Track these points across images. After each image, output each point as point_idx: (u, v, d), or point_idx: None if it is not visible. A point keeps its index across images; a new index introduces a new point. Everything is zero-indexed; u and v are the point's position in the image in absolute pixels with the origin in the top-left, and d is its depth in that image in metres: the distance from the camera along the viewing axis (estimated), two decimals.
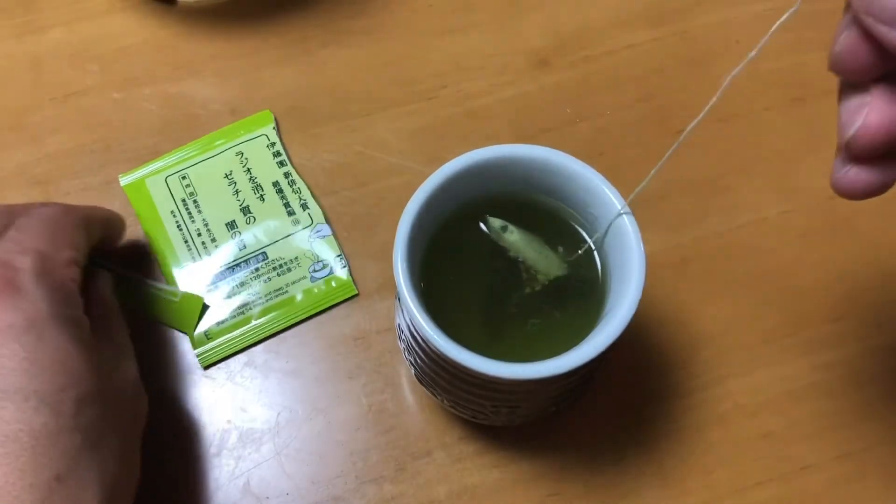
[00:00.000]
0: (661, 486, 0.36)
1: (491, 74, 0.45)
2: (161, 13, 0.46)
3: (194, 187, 0.42)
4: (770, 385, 0.38)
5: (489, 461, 0.36)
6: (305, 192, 0.41)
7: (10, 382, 0.26)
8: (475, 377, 0.28)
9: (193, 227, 0.41)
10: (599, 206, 0.30)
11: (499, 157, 0.31)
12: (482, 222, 0.32)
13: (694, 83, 0.45)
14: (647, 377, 0.38)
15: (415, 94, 0.44)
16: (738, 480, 0.36)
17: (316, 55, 0.46)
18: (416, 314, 0.28)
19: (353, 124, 0.44)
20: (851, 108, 0.22)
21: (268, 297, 0.39)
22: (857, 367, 0.38)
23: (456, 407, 0.33)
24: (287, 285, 0.39)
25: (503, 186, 0.32)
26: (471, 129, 0.44)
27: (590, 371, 0.30)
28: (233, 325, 0.39)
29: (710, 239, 0.41)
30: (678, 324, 0.39)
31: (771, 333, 0.39)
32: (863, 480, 0.36)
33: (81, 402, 0.28)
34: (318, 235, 0.40)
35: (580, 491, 0.36)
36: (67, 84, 0.44)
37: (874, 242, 0.41)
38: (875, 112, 0.21)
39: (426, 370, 0.32)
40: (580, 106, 0.44)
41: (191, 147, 0.43)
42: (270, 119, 0.43)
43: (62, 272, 0.31)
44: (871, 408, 0.37)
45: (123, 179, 0.42)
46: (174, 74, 0.45)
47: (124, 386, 0.32)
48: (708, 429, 0.37)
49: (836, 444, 0.37)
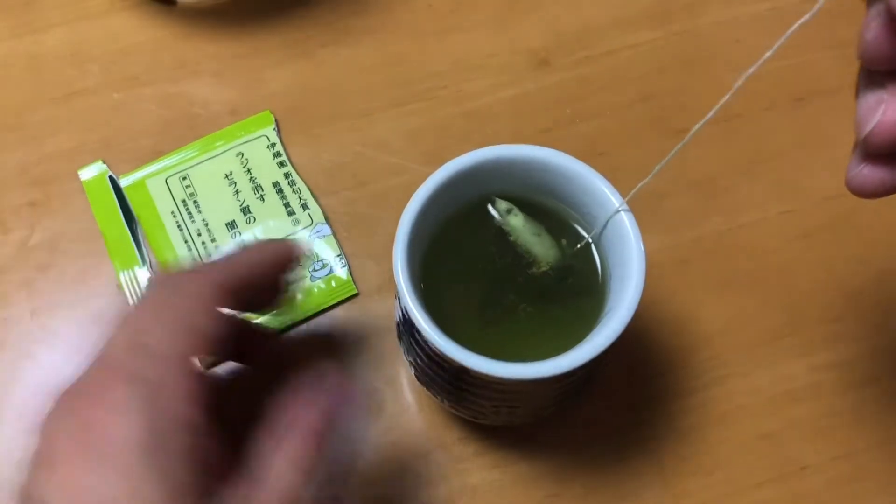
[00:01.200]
0: (661, 487, 0.36)
1: (491, 74, 0.45)
2: (161, 13, 0.46)
3: (194, 188, 0.42)
4: (770, 385, 0.38)
5: (489, 461, 0.36)
6: (305, 192, 0.41)
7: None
8: (475, 377, 0.28)
9: (193, 228, 0.41)
10: (599, 205, 0.30)
11: (499, 157, 0.31)
12: (490, 204, 0.32)
13: (694, 83, 0.45)
14: (647, 377, 0.38)
15: (415, 94, 0.44)
16: (738, 480, 0.36)
17: (316, 55, 0.46)
18: (415, 314, 0.28)
19: (353, 124, 0.44)
20: (869, 104, 0.22)
21: None
22: (857, 367, 0.38)
23: (456, 407, 0.33)
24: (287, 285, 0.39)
25: (503, 186, 0.32)
26: (471, 129, 0.44)
27: (589, 371, 0.30)
28: None
29: (710, 239, 0.41)
30: (678, 324, 0.39)
31: (771, 333, 0.39)
32: (862, 481, 0.36)
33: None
34: (318, 235, 0.40)
35: (580, 491, 0.36)
36: (67, 84, 0.44)
37: (874, 242, 0.41)
38: (893, 109, 0.21)
39: (426, 370, 0.32)
40: (580, 106, 0.44)
41: (191, 148, 0.43)
42: (270, 120, 0.43)
43: (174, 387, 0.24)
44: (870, 408, 0.37)
45: (123, 180, 0.42)
46: (174, 74, 0.45)
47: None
48: (708, 429, 0.37)
49: (836, 445, 0.37)
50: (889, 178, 0.22)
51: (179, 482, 0.23)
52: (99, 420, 0.23)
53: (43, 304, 0.39)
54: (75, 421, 0.23)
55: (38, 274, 0.40)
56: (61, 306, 0.39)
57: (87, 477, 0.22)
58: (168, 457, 0.23)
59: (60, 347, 0.39)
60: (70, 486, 0.22)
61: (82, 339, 0.39)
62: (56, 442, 0.23)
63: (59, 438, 0.23)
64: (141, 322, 0.25)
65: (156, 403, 0.23)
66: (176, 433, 0.23)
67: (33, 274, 0.40)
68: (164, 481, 0.22)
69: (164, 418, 0.23)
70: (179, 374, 0.24)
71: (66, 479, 0.22)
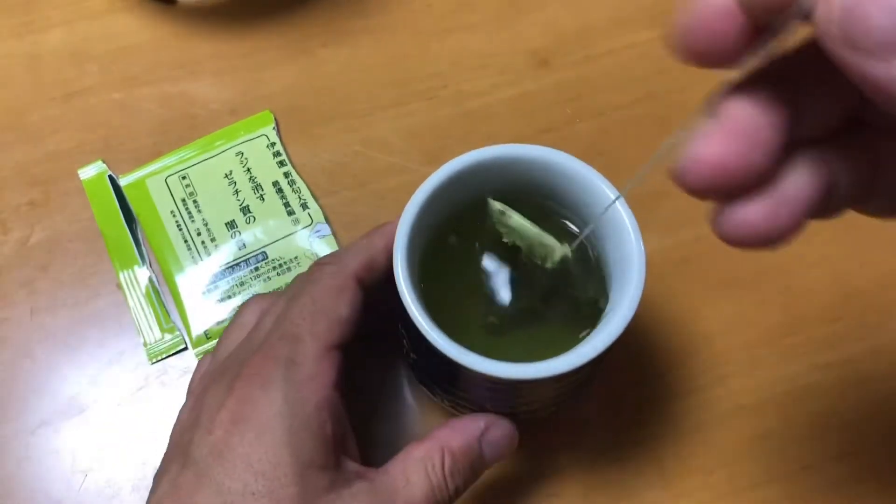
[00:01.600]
0: (661, 486, 0.36)
1: (491, 74, 0.45)
2: (161, 13, 0.46)
3: (194, 187, 0.42)
4: (770, 385, 0.38)
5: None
6: (305, 191, 0.41)
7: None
8: (475, 377, 0.28)
9: (193, 227, 0.41)
10: (599, 205, 0.30)
11: (499, 157, 0.31)
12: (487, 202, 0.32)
13: (694, 83, 0.45)
14: (647, 377, 0.38)
15: (415, 94, 0.44)
16: (738, 480, 0.36)
17: (316, 55, 0.46)
18: (416, 314, 0.28)
19: (353, 124, 0.44)
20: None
21: None
22: (857, 367, 0.38)
23: (456, 407, 0.33)
24: (287, 285, 0.39)
25: (503, 186, 0.32)
26: (471, 129, 0.44)
27: (589, 371, 0.30)
28: None
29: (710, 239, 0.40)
30: (678, 324, 0.39)
31: (771, 333, 0.39)
32: (862, 481, 0.36)
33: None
34: (318, 235, 0.40)
35: (580, 491, 0.36)
36: (67, 84, 0.44)
37: (874, 242, 0.41)
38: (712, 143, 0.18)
39: (426, 370, 0.32)
40: (580, 106, 0.44)
41: (191, 147, 0.43)
42: (270, 119, 0.43)
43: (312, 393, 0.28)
44: (870, 408, 0.37)
45: (123, 179, 0.42)
46: (174, 74, 0.45)
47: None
48: (708, 429, 0.37)
49: (836, 444, 0.37)
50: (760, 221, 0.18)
51: (308, 453, 0.27)
52: (253, 396, 0.27)
53: (43, 303, 0.39)
54: (234, 397, 0.28)
55: (38, 273, 0.40)
56: (61, 306, 0.39)
57: (237, 441, 0.27)
58: (302, 429, 0.27)
59: (60, 347, 0.39)
60: (220, 447, 0.27)
61: (82, 338, 0.39)
62: (217, 414, 0.27)
63: (220, 411, 0.27)
64: (292, 313, 0.29)
65: (296, 383, 0.28)
66: (311, 410, 0.27)
67: (33, 273, 0.40)
68: (296, 452, 0.26)
69: (302, 396, 0.27)
70: (321, 359, 0.28)
71: (218, 441, 0.27)
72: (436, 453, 0.29)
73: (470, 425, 0.30)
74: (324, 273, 0.31)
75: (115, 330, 0.39)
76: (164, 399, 0.38)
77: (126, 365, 0.38)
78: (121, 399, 0.38)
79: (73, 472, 0.36)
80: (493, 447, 0.30)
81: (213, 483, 0.26)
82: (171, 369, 0.38)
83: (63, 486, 0.36)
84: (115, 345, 0.39)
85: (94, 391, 0.38)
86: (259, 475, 0.26)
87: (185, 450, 0.27)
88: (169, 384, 0.38)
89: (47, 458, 0.36)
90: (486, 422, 0.30)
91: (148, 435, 0.37)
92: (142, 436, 0.37)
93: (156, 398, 0.38)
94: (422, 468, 0.28)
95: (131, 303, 0.39)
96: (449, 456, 0.29)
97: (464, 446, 0.29)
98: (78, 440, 0.37)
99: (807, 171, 0.18)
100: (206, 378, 0.31)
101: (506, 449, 0.31)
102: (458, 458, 0.29)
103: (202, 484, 0.26)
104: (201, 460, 0.27)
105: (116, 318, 0.39)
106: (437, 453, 0.29)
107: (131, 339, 0.39)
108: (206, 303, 0.39)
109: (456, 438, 0.29)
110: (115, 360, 0.38)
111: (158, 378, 0.38)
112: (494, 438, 0.30)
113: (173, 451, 0.29)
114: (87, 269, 0.40)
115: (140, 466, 0.36)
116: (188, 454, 0.27)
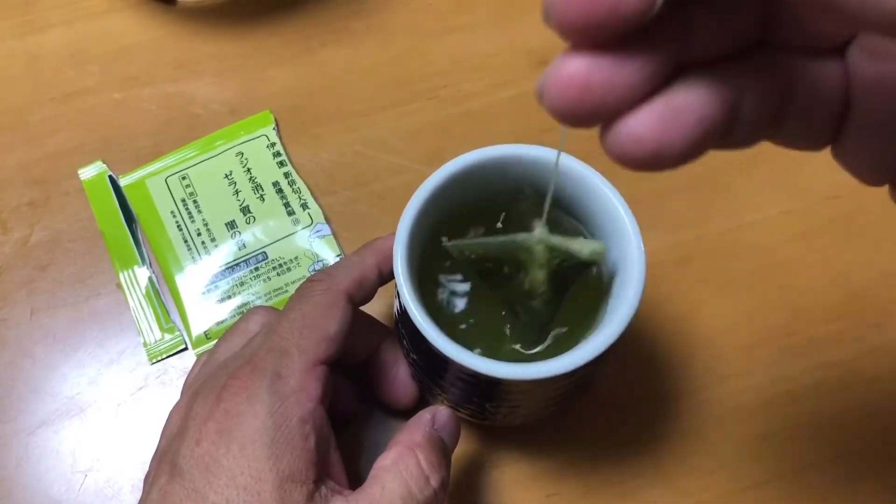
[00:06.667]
0: (661, 486, 0.36)
1: (491, 74, 0.45)
2: (161, 13, 0.46)
3: (194, 187, 0.42)
4: (770, 385, 0.38)
5: (489, 461, 0.36)
6: (305, 191, 0.41)
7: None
8: (475, 377, 0.28)
9: (193, 227, 0.41)
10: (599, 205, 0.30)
11: (499, 157, 0.31)
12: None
13: None
14: (647, 377, 0.38)
15: (415, 94, 0.44)
16: (738, 480, 0.36)
17: (316, 55, 0.46)
18: (415, 314, 0.28)
19: (353, 124, 0.44)
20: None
21: (268, 296, 0.39)
22: (857, 367, 0.38)
23: (456, 407, 0.33)
24: (287, 285, 0.39)
25: (503, 186, 0.32)
26: (471, 129, 0.44)
27: (590, 371, 0.30)
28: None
29: (710, 239, 0.41)
30: (678, 324, 0.39)
31: (771, 333, 0.39)
32: (862, 481, 0.36)
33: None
34: (318, 235, 0.40)
35: (580, 491, 0.36)
36: (67, 84, 0.44)
37: (874, 242, 0.41)
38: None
39: (426, 370, 0.32)
40: None
41: (191, 147, 0.43)
42: (270, 120, 0.43)
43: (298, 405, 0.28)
44: (870, 408, 0.37)
45: (123, 179, 0.42)
46: (174, 74, 0.45)
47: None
48: (708, 429, 0.37)
49: (836, 444, 0.37)
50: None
51: (288, 467, 0.27)
52: (239, 409, 0.28)
53: (43, 303, 0.39)
54: (221, 409, 0.28)
55: (38, 273, 0.40)
56: (61, 306, 0.39)
57: (222, 453, 0.27)
58: (284, 442, 0.27)
59: (60, 347, 0.38)
60: (206, 459, 0.27)
61: (82, 338, 0.39)
62: (205, 424, 0.28)
63: (206, 422, 0.28)
64: (282, 329, 0.30)
65: (281, 396, 0.28)
66: (294, 423, 0.28)
67: (33, 273, 0.40)
68: (276, 465, 0.27)
69: (286, 409, 0.28)
70: (307, 373, 0.29)
71: (204, 454, 0.27)
72: (407, 455, 0.29)
73: (420, 420, 0.31)
74: (315, 290, 0.31)
75: (114, 330, 0.39)
76: (164, 399, 0.38)
77: (126, 365, 0.38)
78: (120, 399, 0.38)
79: (73, 472, 0.36)
80: (447, 430, 0.31)
81: (198, 496, 0.27)
82: (171, 369, 0.38)
83: (63, 487, 0.36)
84: (115, 345, 0.39)
85: (94, 391, 0.38)
86: (241, 489, 0.26)
87: (174, 459, 0.28)
88: (169, 384, 0.38)
89: (47, 459, 0.36)
90: (429, 412, 0.31)
91: (148, 435, 0.37)
92: (142, 436, 0.37)
93: (156, 398, 0.38)
94: (397, 474, 0.28)
95: (131, 303, 0.39)
96: (420, 452, 0.29)
97: (427, 438, 0.30)
98: (78, 440, 0.37)
99: (703, 87, 0.17)
100: (199, 380, 0.31)
101: (456, 430, 0.31)
102: (428, 451, 0.29)
103: (189, 497, 0.27)
104: (188, 472, 0.27)
105: (116, 318, 0.39)
106: (409, 454, 0.29)
107: (131, 339, 0.39)
108: (206, 303, 0.39)
109: (416, 435, 0.30)
110: (115, 360, 0.38)
111: (158, 378, 0.38)
112: (443, 422, 0.31)
113: (162, 458, 0.29)
114: (86, 269, 0.40)
115: (140, 466, 0.36)
116: (175, 464, 0.28)
